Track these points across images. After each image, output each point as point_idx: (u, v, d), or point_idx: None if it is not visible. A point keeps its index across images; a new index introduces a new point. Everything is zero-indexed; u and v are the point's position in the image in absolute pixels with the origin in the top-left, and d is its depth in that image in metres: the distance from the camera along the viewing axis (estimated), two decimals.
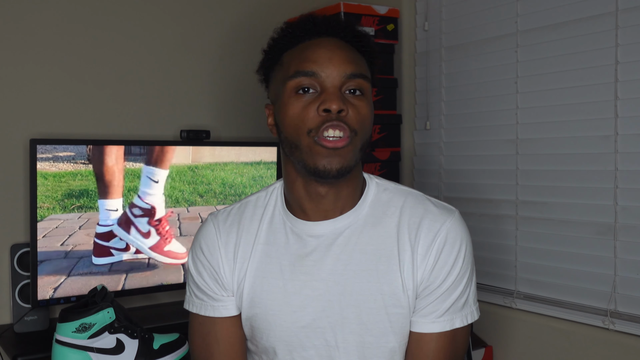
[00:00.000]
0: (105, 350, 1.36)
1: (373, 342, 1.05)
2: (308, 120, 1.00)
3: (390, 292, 1.04)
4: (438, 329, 1.04)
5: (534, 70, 1.85)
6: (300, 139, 1.01)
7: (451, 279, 1.04)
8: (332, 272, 1.05)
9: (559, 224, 1.79)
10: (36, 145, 1.53)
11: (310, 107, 1.00)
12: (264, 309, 1.08)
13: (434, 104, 2.18)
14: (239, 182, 1.87)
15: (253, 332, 1.10)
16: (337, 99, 0.99)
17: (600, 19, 1.68)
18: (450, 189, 2.13)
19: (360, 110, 1.02)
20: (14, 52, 1.68)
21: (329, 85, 1.01)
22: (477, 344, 1.92)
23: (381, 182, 1.13)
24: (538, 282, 1.85)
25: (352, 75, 1.02)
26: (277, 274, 1.07)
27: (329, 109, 0.99)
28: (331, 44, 1.04)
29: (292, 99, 1.02)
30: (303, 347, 1.06)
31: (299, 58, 1.03)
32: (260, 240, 1.10)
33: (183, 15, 1.93)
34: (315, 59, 1.02)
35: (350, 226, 1.07)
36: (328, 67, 1.01)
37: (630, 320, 1.62)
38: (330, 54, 1.02)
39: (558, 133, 1.79)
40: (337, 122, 0.99)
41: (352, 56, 1.04)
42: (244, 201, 1.16)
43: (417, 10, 2.24)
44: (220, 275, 1.11)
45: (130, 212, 1.68)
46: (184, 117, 1.93)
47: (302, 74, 1.01)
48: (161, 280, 1.74)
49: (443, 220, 1.06)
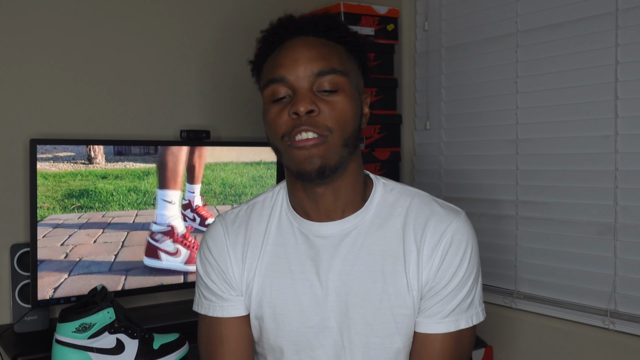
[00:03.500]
0: (105, 350, 1.36)
1: (378, 342, 1.05)
2: (281, 125, 1.00)
3: (395, 293, 1.04)
4: (443, 330, 1.04)
5: (534, 70, 1.85)
6: (278, 144, 1.03)
7: (457, 280, 1.04)
8: (340, 273, 1.05)
9: (559, 224, 1.79)
10: (36, 145, 1.53)
11: (283, 112, 1.00)
12: (272, 309, 1.08)
13: (434, 104, 2.18)
14: (239, 182, 1.87)
15: (261, 332, 1.10)
16: (305, 100, 0.98)
17: (600, 19, 1.68)
18: (450, 189, 2.13)
19: (336, 105, 1.00)
20: (14, 52, 1.68)
21: (298, 87, 1.00)
22: (477, 344, 1.92)
23: (388, 183, 1.12)
24: (538, 282, 1.85)
25: (322, 73, 1.00)
26: (287, 274, 1.08)
27: (297, 112, 0.98)
28: (300, 45, 1.02)
29: (269, 106, 1.03)
30: (311, 347, 1.07)
31: (269, 65, 1.04)
32: (269, 241, 1.10)
33: (183, 15, 1.93)
34: (282, 63, 1.01)
35: (357, 227, 1.07)
36: (294, 70, 1.00)
37: (630, 320, 1.62)
38: (295, 55, 1.01)
39: (558, 133, 1.79)
40: (306, 125, 0.98)
41: (321, 52, 1.01)
42: (251, 202, 1.17)
43: (417, 10, 2.24)
44: (229, 275, 1.11)
45: (153, 239, 1.71)
46: (184, 117, 1.93)
47: (271, 82, 1.02)
48: (161, 280, 1.74)
49: (449, 221, 1.05)
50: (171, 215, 1.74)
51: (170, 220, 1.74)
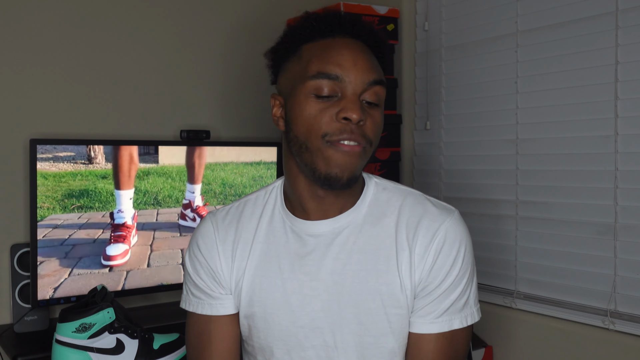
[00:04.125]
0: (105, 350, 1.36)
1: (372, 342, 1.04)
2: (324, 124, 0.98)
3: (388, 293, 1.03)
4: (436, 330, 1.03)
5: (534, 70, 1.85)
6: (311, 141, 0.99)
7: (450, 279, 1.03)
8: (331, 272, 1.04)
9: (559, 224, 1.79)
10: (36, 145, 1.53)
11: (327, 111, 0.98)
12: (262, 308, 1.07)
13: (434, 104, 2.18)
14: (239, 182, 1.87)
15: (251, 331, 1.10)
16: (358, 108, 0.97)
17: (600, 19, 1.68)
18: (450, 189, 2.13)
19: (375, 119, 1.02)
20: (14, 53, 1.68)
21: (351, 92, 0.99)
22: (477, 344, 1.92)
23: (380, 182, 1.12)
24: (538, 282, 1.85)
25: (374, 82, 1.00)
26: (276, 273, 1.07)
27: (349, 118, 0.97)
28: (355, 47, 1.01)
29: (310, 99, 0.99)
30: (302, 347, 1.06)
31: (321, 57, 1.00)
32: (259, 239, 1.10)
33: (183, 15, 1.93)
34: (340, 61, 0.99)
35: (349, 225, 1.06)
36: (352, 72, 0.99)
37: (630, 320, 1.62)
38: (355, 59, 0.99)
39: (558, 133, 1.79)
40: (355, 133, 0.98)
41: (373, 62, 1.03)
42: (243, 200, 1.16)
43: (417, 10, 2.24)
44: (218, 273, 1.10)
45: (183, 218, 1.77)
46: (184, 117, 1.93)
47: (324, 76, 0.98)
48: (161, 280, 1.74)
49: (442, 220, 1.05)
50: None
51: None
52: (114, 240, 1.66)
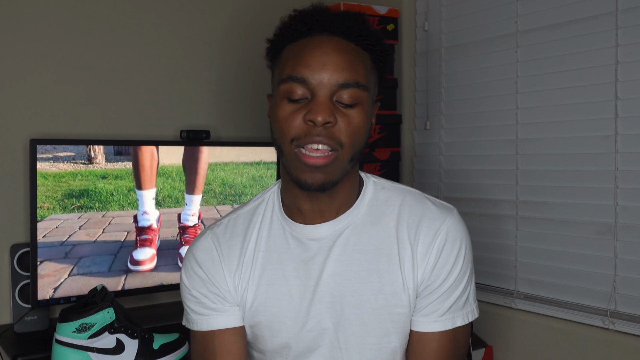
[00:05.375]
0: (105, 350, 1.36)
1: (375, 342, 1.04)
2: (293, 128, 0.97)
3: (392, 292, 1.03)
4: (440, 328, 1.03)
5: (534, 70, 1.85)
6: (285, 145, 0.98)
7: (452, 277, 1.03)
8: (334, 274, 1.04)
9: (559, 224, 1.79)
10: (36, 145, 1.53)
11: (297, 113, 0.97)
12: (268, 316, 1.06)
13: (434, 104, 2.18)
14: (239, 182, 1.87)
15: (256, 339, 1.09)
16: (324, 109, 0.94)
17: (600, 19, 1.68)
18: (450, 189, 2.13)
19: (352, 120, 0.97)
20: (14, 52, 1.68)
21: (319, 94, 0.96)
22: (477, 344, 1.92)
23: (378, 181, 1.11)
24: (538, 282, 1.85)
25: (345, 85, 0.96)
26: (281, 280, 1.06)
27: (314, 121, 0.94)
28: (330, 46, 0.98)
29: (284, 102, 0.98)
30: (309, 350, 1.05)
31: (294, 59, 0.99)
32: (261, 248, 1.08)
33: (183, 15, 1.93)
34: (309, 62, 0.97)
35: (349, 226, 1.06)
36: (320, 74, 0.96)
37: (630, 320, 1.62)
38: (324, 59, 0.96)
39: (558, 133, 1.79)
40: (320, 135, 0.95)
41: (349, 61, 0.98)
42: (239, 211, 1.14)
43: (417, 10, 2.24)
44: (222, 288, 1.07)
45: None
46: (184, 117, 1.93)
47: (293, 80, 0.97)
48: (161, 280, 1.74)
49: (443, 219, 1.05)
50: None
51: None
52: (140, 244, 1.64)
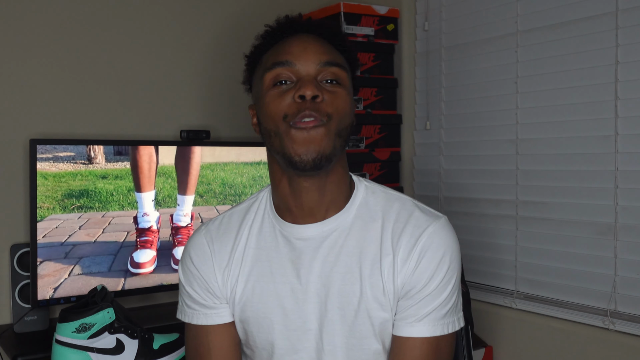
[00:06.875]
0: (105, 351, 1.36)
1: (357, 344, 1.05)
2: (284, 107, 1.01)
3: (372, 296, 1.04)
4: (417, 334, 1.02)
5: (534, 70, 1.85)
6: (278, 125, 1.02)
7: (434, 284, 1.03)
8: (320, 275, 1.05)
9: (559, 224, 1.79)
10: (36, 145, 1.53)
11: (286, 95, 1.02)
12: (256, 313, 1.08)
13: (434, 104, 2.18)
14: (239, 182, 1.87)
15: (247, 335, 1.11)
16: (312, 85, 1.00)
17: (600, 19, 1.68)
18: (450, 189, 2.13)
19: (337, 96, 1.03)
20: (14, 52, 1.68)
21: (304, 73, 1.02)
22: (477, 344, 1.92)
23: (370, 185, 1.12)
24: (538, 282, 1.85)
25: (327, 64, 1.03)
26: (268, 278, 1.08)
27: (304, 95, 1.00)
28: (307, 38, 1.06)
29: (271, 89, 1.03)
30: (294, 350, 1.07)
31: (275, 52, 1.06)
32: (251, 245, 1.11)
33: (183, 15, 1.93)
34: (290, 50, 1.04)
35: (338, 228, 1.07)
36: (302, 57, 1.03)
37: (630, 320, 1.62)
38: (304, 45, 1.04)
39: (558, 133, 1.79)
40: (310, 109, 0.99)
41: (326, 47, 1.06)
42: (234, 210, 1.17)
43: (417, 10, 2.24)
44: (212, 285, 1.11)
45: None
46: (184, 117, 1.93)
47: (278, 64, 1.03)
48: (161, 280, 1.74)
49: (426, 225, 1.05)
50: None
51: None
52: (140, 245, 1.65)
